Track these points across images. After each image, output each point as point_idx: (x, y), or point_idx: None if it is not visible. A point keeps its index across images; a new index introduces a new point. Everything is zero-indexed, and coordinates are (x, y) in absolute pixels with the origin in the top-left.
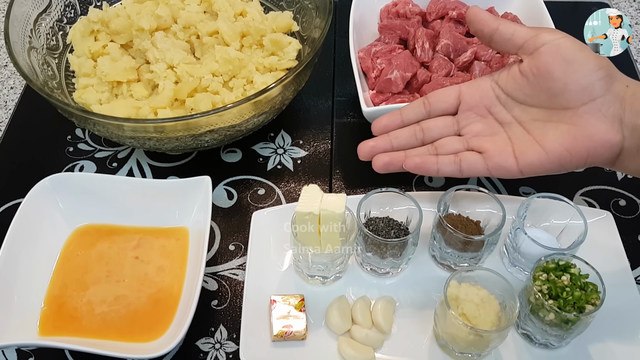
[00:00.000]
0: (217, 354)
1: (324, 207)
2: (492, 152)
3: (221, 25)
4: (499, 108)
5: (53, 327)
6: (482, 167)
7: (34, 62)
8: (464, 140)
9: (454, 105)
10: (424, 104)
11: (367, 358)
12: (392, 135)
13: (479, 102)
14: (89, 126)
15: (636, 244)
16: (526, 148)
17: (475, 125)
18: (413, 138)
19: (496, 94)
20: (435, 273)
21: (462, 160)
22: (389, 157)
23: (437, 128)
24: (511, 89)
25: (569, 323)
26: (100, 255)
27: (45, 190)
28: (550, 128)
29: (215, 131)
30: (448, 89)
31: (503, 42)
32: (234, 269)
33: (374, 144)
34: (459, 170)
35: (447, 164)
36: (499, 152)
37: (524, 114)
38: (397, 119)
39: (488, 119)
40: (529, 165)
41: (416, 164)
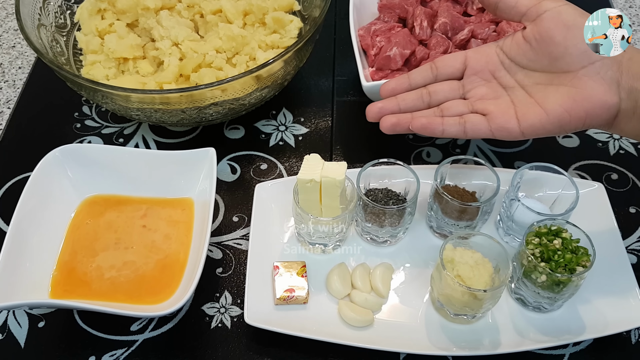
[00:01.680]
0: (222, 317)
1: (325, 175)
2: (495, 114)
3: (224, 4)
4: (502, 73)
5: (63, 290)
6: (486, 128)
7: (43, 39)
8: (468, 103)
9: (460, 70)
10: (431, 69)
11: (366, 320)
12: (399, 98)
13: (484, 67)
14: (97, 99)
15: (627, 216)
16: (528, 110)
17: (479, 89)
18: (420, 101)
19: (500, 60)
20: (432, 242)
21: (466, 122)
22: (396, 118)
23: (443, 91)
24: (515, 54)
25: (560, 285)
26: (109, 224)
27: (56, 160)
28: (551, 91)
29: (219, 104)
30: (455, 55)
31: (507, 9)
32: (238, 239)
33: (382, 105)
34: (463, 131)
35: (452, 125)
36: (501, 114)
37: (527, 78)
38: (405, 82)
39: (492, 83)
40: (530, 127)
41: (422, 124)
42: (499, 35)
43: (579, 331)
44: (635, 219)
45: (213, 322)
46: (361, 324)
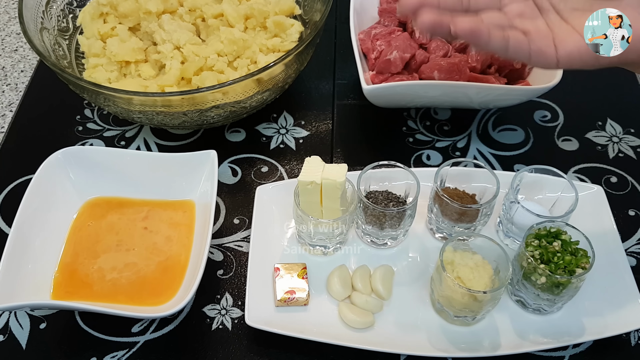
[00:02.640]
0: (223, 319)
1: (325, 177)
2: (534, 35)
3: (226, 8)
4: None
5: (65, 292)
6: (527, 48)
7: (46, 42)
8: (507, 18)
9: None
10: None
11: (366, 321)
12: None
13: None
14: (99, 102)
15: (627, 218)
16: (566, 36)
17: (516, 4)
18: (459, 4)
19: None
20: (432, 244)
21: (510, 38)
22: (437, 16)
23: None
24: None
25: (560, 287)
26: (110, 226)
27: (58, 162)
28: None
29: (220, 107)
30: None
31: None
32: (239, 241)
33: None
34: (506, 46)
35: (496, 37)
36: (541, 36)
37: (563, 3)
38: None
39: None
40: (567, 55)
41: (469, 28)
42: None
43: (579, 333)
44: (634, 222)
45: (214, 323)
46: (361, 325)
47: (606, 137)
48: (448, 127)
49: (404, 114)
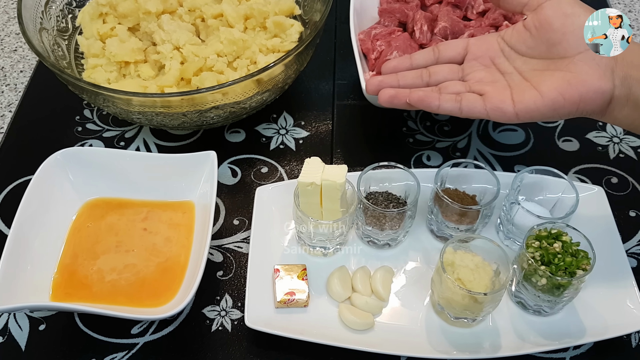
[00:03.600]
0: (223, 320)
1: (325, 178)
2: (491, 94)
3: (225, 8)
4: (502, 59)
5: (64, 293)
6: (481, 107)
7: (45, 42)
8: (466, 84)
9: (461, 54)
10: (433, 51)
11: (366, 323)
12: (399, 75)
13: (484, 53)
14: (98, 102)
15: (627, 219)
16: (523, 92)
17: (478, 73)
18: (419, 79)
19: (501, 47)
20: (432, 245)
21: (462, 99)
22: (394, 91)
23: (443, 72)
24: (515, 42)
25: (561, 288)
26: (109, 227)
27: (57, 163)
28: (547, 75)
29: (220, 107)
30: (457, 41)
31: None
32: (239, 242)
33: (382, 79)
34: (459, 108)
35: (448, 101)
36: (497, 94)
37: (525, 65)
38: (407, 62)
39: (491, 68)
40: (525, 109)
41: (420, 97)
42: None
43: (579, 334)
44: (635, 223)
45: (213, 325)
46: (361, 327)
47: (607, 138)
48: (448, 127)
49: (404, 114)
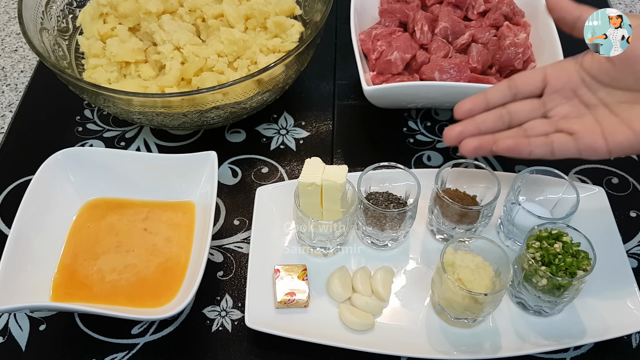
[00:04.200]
0: (223, 320)
1: (325, 178)
2: (581, 133)
3: (226, 8)
4: (584, 90)
5: (65, 293)
6: (574, 148)
7: (45, 42)
8: (552, 122)
9: (540, 87)
10: (509, 87)
11: (367, 323)
12: (478, 120)
13: (564, 84)
14: (99, 102)
15: (628, 220)
16: (614, 129)
17: (562, 107)
18: (500, 121)
19: (581, 77)
20: (433, 246)
21: (554, 142)
22: (478, 141)
23: (525, 111)
24: (596, 72)
25: (561, 289)
26: (110, 227)
27: (58, 163)
28: (637, 109)
29: (220, 108)
30: (533, 72)
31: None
32: (239, 242)
33: (461, 129)
34: (551, 151)
35: (539, 145)
36: (588, 133)
37: (609, 97)
38: (482, 102)
39: (574, 101)
40: (618, 146)
41: (509, 146)
42: (499, 39)
43: (580, 335)
44: (635, 223)
45: (214, 325)
46: (362, 327)
47: None
48: None
49: (404, 114)
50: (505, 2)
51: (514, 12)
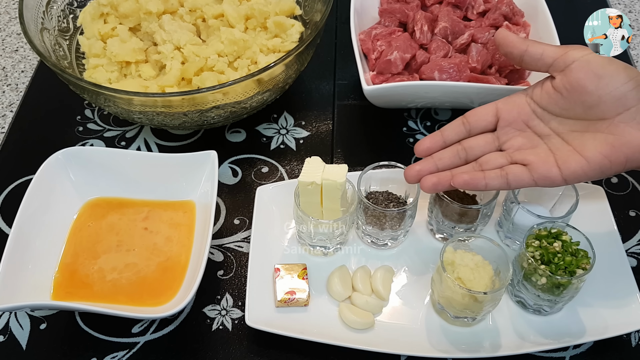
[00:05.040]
0: (224, 319)
1: (325, 177)
2: (536, 163)
3: (226, 8)
4: (536, 122)
5: (65, 292)
6: (528, 178)
7: (46, 42)
8: (506, 154)
9: (493, 122)
10: (464, 124)
11: (367, 322)
12: (436, 157)
13: (516, 117)
14: (100, 102)
15: (627, 219)
16: (568, 158)
17: (515, 139)
18: (457, 157)
19: (532, 109)
20: (432, 245)
21: (508, 174)
22: (436, 178)
23: (479, 146)
24: (546, 104)
25: (561, 287)
26: (110, 226)
27: (58, 163)
28: (588, 138)
29: (220, 107)
30: (485, 107)
31: (533, 62)
32: (239, 242)
33: (420, 167)
34: (506, 182)
35: (494, 178)
36: (542, 163)
37: (561, 126)
38: (439, 140)
39: (527, 132)
40: (572, 174)
41: (465, 181)
42: None
43: (579, 334)
44: (635, 222)
45: (214, 324)
46: (362, 326)
47: None
48: None
49: (404, 114)
50: (504, 2)
51: (513, 12)
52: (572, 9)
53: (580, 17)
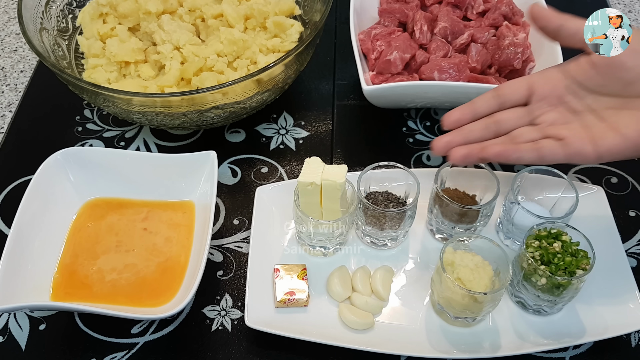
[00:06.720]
0: (223, 320)
1: (325, 177)
2: (570, 139)
3: (226, 8)
4: (570, 97)
5: (65, 293)
6: (562, 153)
7: (45, 42)
8: (539, 129)
9: (525, 96)
10: (495, 97)
11: (366, 322)
12: (466, 129)
13: (550, 92)
14: (99, 102)
15: (627, 219)
16: (603, 134)
17: (549, 114)
18: (487, 130)
19: (566, 84)
20: (432, 245)
21: (541, 147)
22: (466, 149)
23: (511, 120)
24: (582, 79)
25: (560, 288)
26: (110, 227)
27: (57, 163)
28: (625, 115)
29: (220, 107)
30: (518, 81)
31: (569, 37)
32: (239, 242)
33: (449, 139)
34: (539, 156)
35: (527, 151)
36: (576, 138)
37: (596, 103)
38: (468, 112)
39: (560, 108)
40: (607, 151)
41: (497, 152)
42: (498, 39)
43: (579, 334)
44: (634, 223)
45: (214, 324)
46: (361, 326)
47: None
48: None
49: (404, 114)
50: (504, 2)
51: (513, 12)
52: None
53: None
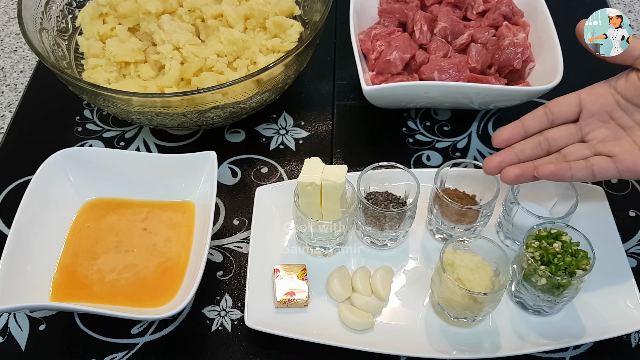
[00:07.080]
0: (223, 320)
1: (325, 178)
2: (621, 155)
3: (225, 8)
4: (619, 113)
5: (64, 293)
6: (614, 170)
7: (45, 42)
8: (590, 146)
9: (576, 112)
10: (546, 114)
11: (366, 323)
12: (517, 148)
13: (600, 108)
14: (98, 102)
15: (627, 219)
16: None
17: (599, 131)
18: (539, 148)
19: (616, 100)
20: (432, 245)
21: (594, 165)
22: (519, 169)
23: (562, 137)
24: (631, 96)
25: (560, 288)
26: (110, 227)
27: (57, 163)
28: None
29: (220, 107)
30: (568, 97)
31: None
32: (238, 242)
33: (501, 159)
34: (592, 174)
35: (580, 169)
36: (628, 154)
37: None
38: (519, 129)
39: (610, 124)
40: None
41: (551, 171)
42: (498, 39)
43: (579, 334)
44: (634, 223)
45: (213, 325)
46: (361, 327)
47: None
48: (448, 127)
49: (404, 114)
50: (504, 2)
51: (513, 12)
52: (571, 9)
53: (580, 17)
